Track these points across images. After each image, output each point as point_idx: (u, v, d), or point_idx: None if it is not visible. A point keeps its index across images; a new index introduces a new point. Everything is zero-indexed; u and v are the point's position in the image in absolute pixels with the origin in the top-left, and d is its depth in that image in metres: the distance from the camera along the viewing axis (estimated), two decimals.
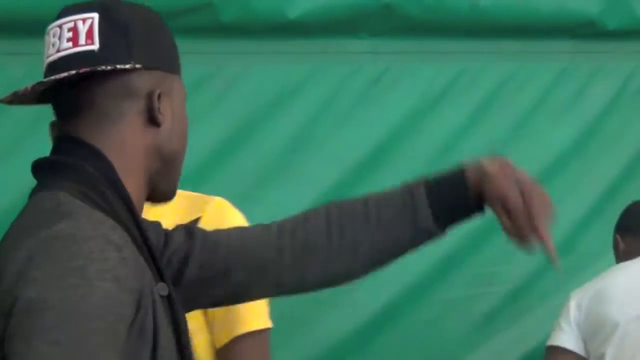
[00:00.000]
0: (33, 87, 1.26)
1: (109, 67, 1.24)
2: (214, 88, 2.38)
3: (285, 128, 2.43)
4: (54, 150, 1.29)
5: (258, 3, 2.37)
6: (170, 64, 1.32)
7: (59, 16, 1.30)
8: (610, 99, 2.77)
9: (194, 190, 2.32)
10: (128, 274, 1.18)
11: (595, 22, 2.70)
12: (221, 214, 1.72)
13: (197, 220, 1.67)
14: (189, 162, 2.46)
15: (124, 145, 1.28)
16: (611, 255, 2.61)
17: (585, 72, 2.74)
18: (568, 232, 2.67)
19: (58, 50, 1.28)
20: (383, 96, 2.49)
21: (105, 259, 1.16)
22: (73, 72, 1.24)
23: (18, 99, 1.31)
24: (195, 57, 2.30)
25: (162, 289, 1.26)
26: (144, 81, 1.27)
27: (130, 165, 1.29)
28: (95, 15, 1.28)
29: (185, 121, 1.32)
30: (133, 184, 1.29)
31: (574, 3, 2.66)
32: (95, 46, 1.27)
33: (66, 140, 1.28)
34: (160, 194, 1.34)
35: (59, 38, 1.29)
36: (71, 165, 1.26)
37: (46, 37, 1.29)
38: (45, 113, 1.39)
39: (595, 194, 2.74)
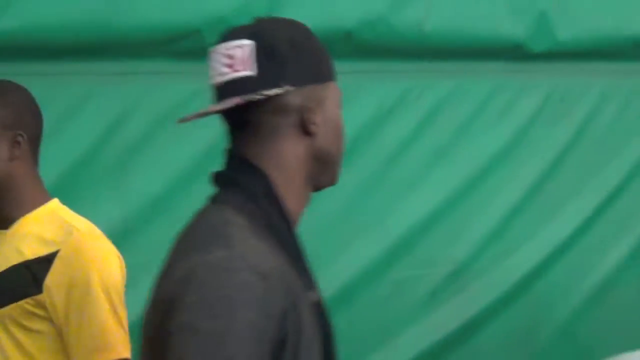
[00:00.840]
0: (206, 112, 1.26)
1: (259, 97, 1.22)
2: (202, 102, 2.40)
3: None
4: (226, 164, 1.28)
5: None
6: (320, 75, 1.27)
7: (220, 41, 1.27)
8: (534, 111, 2.82)
9: (186, 190, 2.37)
10: (272, 301, 1.15)
11: (523, 46, 2.77)
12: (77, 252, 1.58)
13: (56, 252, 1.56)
14: (180, 166, 2.51)
15: (283, 157, 1.25)
16: (534, 241, 2.71)
17: (515, 89, 2.80)
18: (499, 222, 2.76)
19: (219, 74, 1.26)
20: (343, 110, 2.54)
21: (251, 289, 1.14)
22: (232, 103, 1.22)
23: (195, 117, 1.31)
24: (185, 76, 2.35)
25: (313, 296, 1.24)
26: (295, 98, 1.24)
27: (289, 176, 1.26)
28: (249, 43, 1.25)
29: (338, 121, 1.28)
30: (293, 192, 1.27)
31: (505, 30, 2.72)
32: (251, 72, 1.24)
33: (234, 157, 1.27)
34: (323, 185, 1.31)
35: (219, 62, 1.27)
36: (239, 183, 1.25)
37: (209, 59, 1.27)
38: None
39: (521, 191, 2.80)
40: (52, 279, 1.55)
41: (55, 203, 1.67)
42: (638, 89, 2.98)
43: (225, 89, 1.25)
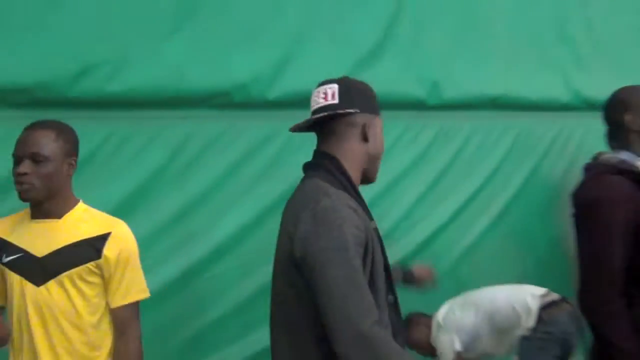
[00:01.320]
0: (306, 121, 1.40)
1: (340, 111, 1.37)
2: (231, 135, 2.30)
3: (262, 160, 2.32)
4: (313, 157, 1.41)
5: (254, 90, 2.29)
6: (371, 110, 1.42)
7: (318, 85, 1.44)
8: (430, 142, 2.75)
9: (222, 189, 2.38)
10: (360, 223, 1.27)
11: (424, 102, 2.72)
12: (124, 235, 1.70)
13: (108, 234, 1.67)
14: (218, 175, 2.52)
15: (352, 153, 1.37)
16: (430, 219, 2.78)
17: (418, 128, 2.72)
18: (409, 207, 2.66)
19: (316, 103, 1.42)
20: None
21: (350, 218, 1.25)
22: (325, 114, 1.38)
23: (298, 128, 1.43)
24: (219, 119, 2.41)
25: (374, 224, 1.37)
26: (359, 118, 1.39)
27: (352, 164, 1.37)
28: (336, 86, 1.41)
29: (380, 139, 1.42)
30: (354, 174, 1.38)
31: (412, 91, 2.64)
32: (335, 101, 1.39)
33: (319, 152, 1.41)
34: (369, 178, 1.42)
35: (317, 97, 1.42)
36: (322, 165, 1.38)
37: (312, 95, 1.42)
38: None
39: (422, 189, 2.70)
40: (109, 249, 1.68)
41: (82, 203, 1.77)
42: (492, 128, 3.05)
43: (319, 111, 1.40)
